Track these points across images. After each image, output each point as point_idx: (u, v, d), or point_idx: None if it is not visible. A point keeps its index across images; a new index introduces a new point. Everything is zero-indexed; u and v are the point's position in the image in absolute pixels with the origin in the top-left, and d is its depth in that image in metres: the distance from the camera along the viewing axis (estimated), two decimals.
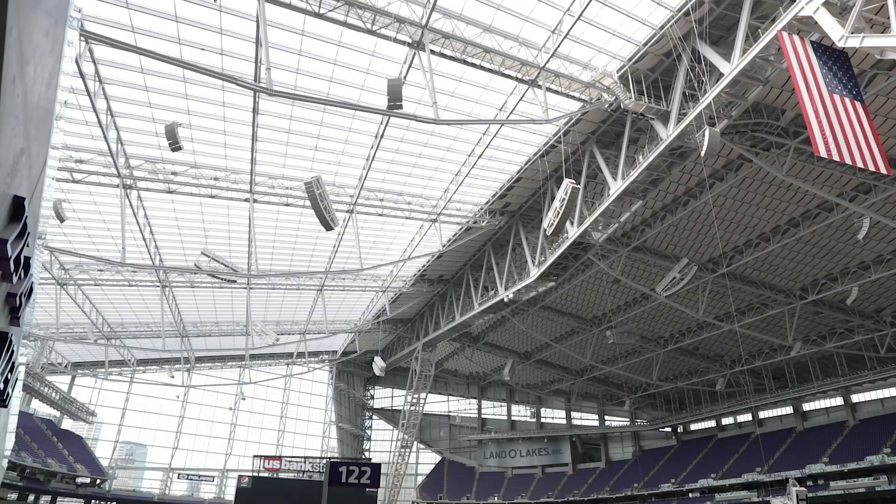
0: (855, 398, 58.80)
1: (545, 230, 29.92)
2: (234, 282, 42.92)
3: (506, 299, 42.99)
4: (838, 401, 60.00)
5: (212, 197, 33.89)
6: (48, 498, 59.05)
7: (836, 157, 18.61)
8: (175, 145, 22.22)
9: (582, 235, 35.21)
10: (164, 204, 35.70)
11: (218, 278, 39.00)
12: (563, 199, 27.48)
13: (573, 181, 26.85)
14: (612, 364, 66.05)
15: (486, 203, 40.17)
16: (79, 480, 61.91)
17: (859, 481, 49.61)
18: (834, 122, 19.04)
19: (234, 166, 33.02)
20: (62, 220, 27.22)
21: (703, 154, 24.30)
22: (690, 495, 62.69)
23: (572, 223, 34.61)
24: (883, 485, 47.81)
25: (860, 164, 18.64)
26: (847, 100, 19.68)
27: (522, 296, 42.73)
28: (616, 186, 31.45)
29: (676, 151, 30.00)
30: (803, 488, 15.78)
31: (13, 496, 54.64)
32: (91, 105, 22.84)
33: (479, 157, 34.01)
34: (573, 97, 28.98)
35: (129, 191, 30.33)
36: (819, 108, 18.96)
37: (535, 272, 39.33)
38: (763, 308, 48.03)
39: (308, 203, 29.99)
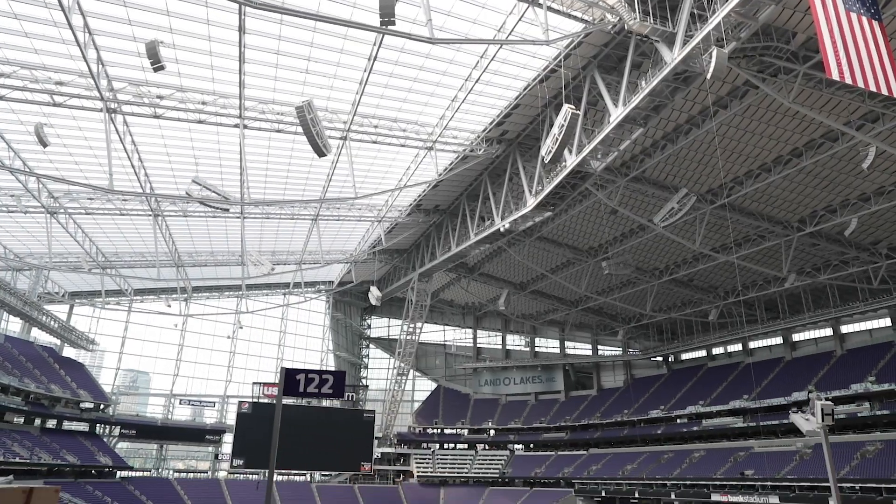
0: (844, 329, 59.74)
1: (543, 158, 29.20)
2: (227, 210, 42.28)
3: (502, 229, 42.68)
4: (827, 331, 60.97)
5: (200, 122, 32.84)
6: (54, 422, 60.62)
7: (848, 80, 17.76)
8: (157, 64, 21.19)
9: (580, 164, 34.49)
10: (151, 130, 34.67)
11: (210, 207, 38.41)
12: (562, 126, 26.64)
13: (573, 107, 25.94)
14: (606, 295, 66.60)
15: (484, 131, 39.15)
16: (83, 405, 63.35)
17: (841, 408, 51.02)
18: (849, 43, 18.08)
19: (222, 90, 31.85)
20: (45, 145, 26.35)
21: (709, 77, 23.35)
22: (678, 421, 64.71)
23: (571, 151, 33.83)
24: (865, 411, 49.24)
25: (873, 88, 17.81)
26: (864, 19, 18.63)
27: (519, 226, 42.39)
28: (617, 113, 30.52)
29: (681, 76, 28.93)
30: (829, 402, 15.56)
31: (19, 420, 56.03)
32: (66, 21, 21.58)
33: (476, 81, 32.83)
34: (575, 17, 27.63)
35: (113, 115, 29.29)
36: (834, 27, 17.97)
37: (531, 202, 38.82)
38: (760, 240, 47.89)
39: (300, 129, 29.05)
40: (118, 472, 63.35)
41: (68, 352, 69.60)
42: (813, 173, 39.60)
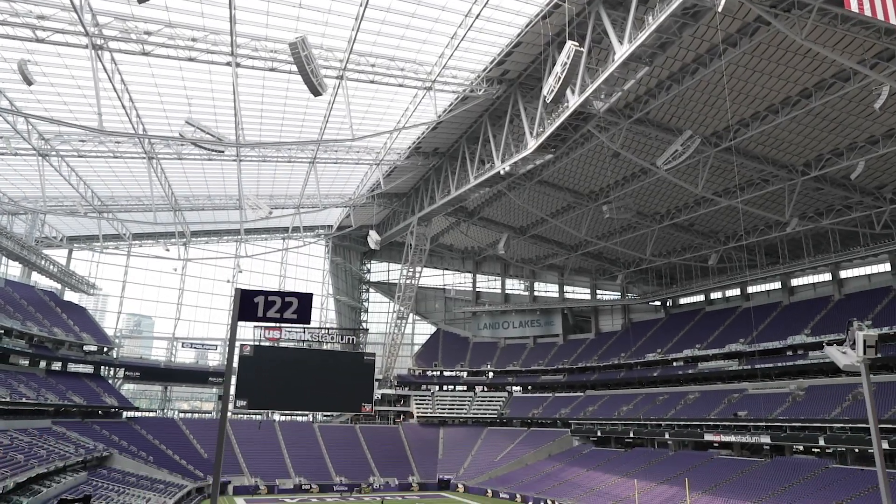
0: (843, 274, 59.74)
1: (545, 98, 28.38)
2: (223, 153, 41.61)
3: (502, 172, 42.02)
4: (826, 276, 61.02)
5: (191, 60, 31.77)
6: (59, 364, 61.47)
7: (868, 13, 16.98)
8: None
9: (583, 105, 33.55)
10: (141, 68, 33.61)
11: (205, 149, 37.69)
12: (565, 64, 25.75)
13: (576, 44, 24.98)
14: (606, 239, 66.38)
15: (484, 70, 37.97)
16: (86, 348, 64.15)
17: None
18: None
19: (212, 26, 30.64)
20: (30, 83, 25.48)
21: (719, 10, 22.36)
22: (675, 364, 65.61)
23: (573, 91, 32.83)
24: None
25: (893, 21, 17.02)
26: None
27: (519, 168, 41.73)
28: (622, 51, 29.40)
29: (689, 11, 27.74)
30: (873, 333, 14.71)
31: (24, 362, 56.74)
32: None
33: (477, 17, 31.53)
34: None
35: (99, 52, 28.24)
36: None
37: (532, 144, 38.03)
38: (763, 184, 47.23)
39: (294, 68, 28.09)
40: (124, 413, 64.74)
41: (69, 296, 69.95)
42: (821, 115, 38.63)
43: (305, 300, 3.52)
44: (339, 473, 64.78)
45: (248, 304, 3.46)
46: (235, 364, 71.73)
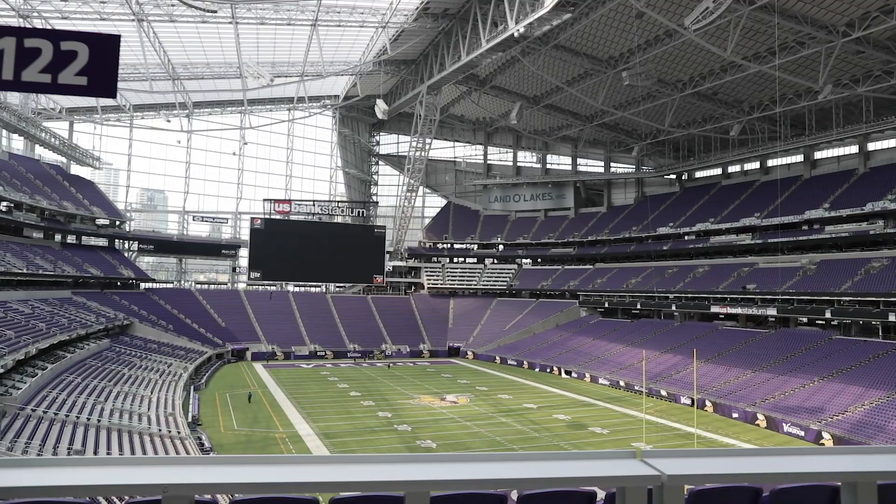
0: (872, 146, 57.16)
1: None
2: (216, 12, 38.73)
3: (516, 34, 39.06)
4: (853, 149, 58.49)
5: None
6: (73, 237, 62.16)
7: None
8: None
9: None
10: None
11: (195, 7, 35.01)
12: None
13: None
14: (624, 109, 63.41)
15: None
16: (98, 222, 64.55)
17: (847, 226, 50.59)
18: None
19: None
20: None
21: None
22: (686, 238, 65.19)
23: None
24: (878, 229, 48.76)
25: None
26: None
27: (534, 30, 38.73)
28: None
29: None
30: None
31: (39, 235, 57.32)
32: None
33: None
34: None
35: None
36: None
37: (549, 1, 34.84)
38: (798, 47, 43.75)
39: None
40: (142, 284, 66.40)
41: (76, 170, 69.29)
42: None
43: (104, 48, 1.90)
44: (352, 341, 67.27)
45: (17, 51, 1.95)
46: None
